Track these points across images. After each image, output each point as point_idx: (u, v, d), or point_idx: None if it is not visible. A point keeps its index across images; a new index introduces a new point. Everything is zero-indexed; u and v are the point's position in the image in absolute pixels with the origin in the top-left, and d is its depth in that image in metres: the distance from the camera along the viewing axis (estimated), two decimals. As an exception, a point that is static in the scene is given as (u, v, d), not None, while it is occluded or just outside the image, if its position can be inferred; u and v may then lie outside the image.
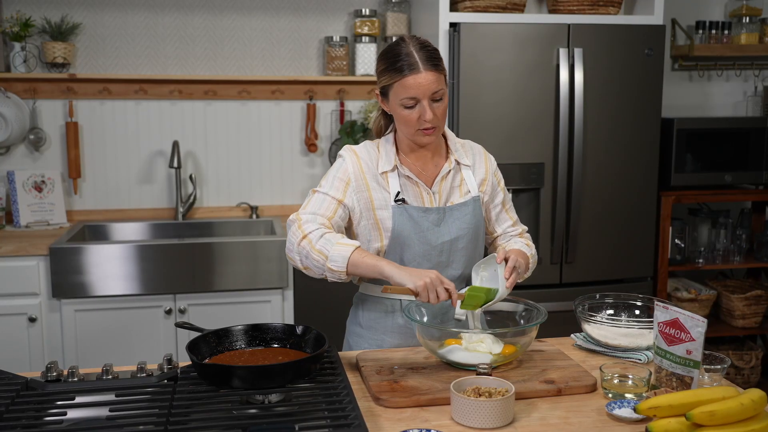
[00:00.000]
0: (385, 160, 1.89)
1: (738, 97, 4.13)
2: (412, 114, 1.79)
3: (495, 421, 1.44)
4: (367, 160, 1.89)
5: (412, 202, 1.89)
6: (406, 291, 1.68)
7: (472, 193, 1.95)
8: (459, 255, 1.92)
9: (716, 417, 1.35)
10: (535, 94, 3.20)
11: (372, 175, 1.88)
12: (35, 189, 3.51)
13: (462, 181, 1.95)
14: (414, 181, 1.90)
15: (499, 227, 2.06)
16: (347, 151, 1.91)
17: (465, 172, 1.96)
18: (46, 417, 1.41)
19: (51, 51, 3.43)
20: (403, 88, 1.77)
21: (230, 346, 1.70)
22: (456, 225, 1.90)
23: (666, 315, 1.58)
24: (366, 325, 1.98)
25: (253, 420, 1.38)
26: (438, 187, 1.91)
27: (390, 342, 1.96)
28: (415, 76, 1.76)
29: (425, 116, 1.78)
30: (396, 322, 1.95)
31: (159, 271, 3.11)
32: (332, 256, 1.73)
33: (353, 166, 1.88)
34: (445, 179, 1.93)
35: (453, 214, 1.91)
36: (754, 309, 3.75)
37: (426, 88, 1.76)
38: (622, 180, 3.34)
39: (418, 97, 1.77)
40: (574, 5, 3.35)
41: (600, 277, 3.38)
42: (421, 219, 1.87)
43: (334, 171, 1.89)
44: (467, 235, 1.91)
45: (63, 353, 3.10)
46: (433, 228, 1.88)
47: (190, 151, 3.72)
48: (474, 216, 1.93)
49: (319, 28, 3.76)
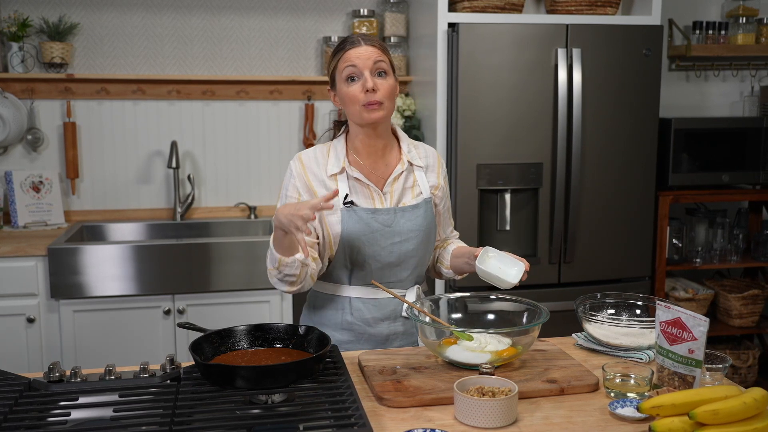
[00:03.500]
0: (333, 163, 1.92)
1: (735, 98, 4.14)
2: (356, 87, 1.84)
3: (499, 421, 1.44)
4: (313, 166, 1.92)
5: (362, 203, 1.90)
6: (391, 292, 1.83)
7: (424, 194, 1.96)
8: (409, 256, 1.94)
9: (719, 416, 1.35)
10: (534, 94, 3.21)
11: (319, 180, 1.91)
12: (33, 189, 3.50)
13: (414, 183, 1.97)
14: (364, 183, 1.91)
15: (443, 232, 2.11)
16: (294, 160, 1.95)
17: (418, 173, 1.98)
18: (50, 417, 1.41)
19: (49, 51, 3.42)
20: (344, 61, 1.85)
21: (233, 346, 1.70)
22: (407, 226, 1.92)
23: (668, 314, 1.58)
24: (317, 322, 2.00)
25: (257, 420, 1.38)
26: (390, 188, 1.93)
27: (339, 338, 1.98)
28: (356, 49, 1.85)
29: (367, 85, 1.82)
30: (345, 319, 1.97)
31: (157, 271, 3.11)
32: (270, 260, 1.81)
33: (299, 177, 1.91)
34: (397, 180, 1.94)
35: (404, 215, 1.92)
36: (751, 308, 3.76)
37: (366, 58, 1.83)
38: (620, 180, 3.35)
39: (359, 68, 1.83)
40: (572, 5, 3.36)
41: (598, 276, 3.38)
42: (370, 220, 1.89)
43: (284, 189, 1.94)
44: (418, 236, 1.93)
45: (61, 354, 3.09)
46: (383, 229, 1.89)
47: (189, 151, 3.71)
48: (425, 218, 1.94)
49: (318, 29, 3.76)
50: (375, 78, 1.84)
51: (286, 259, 1.77)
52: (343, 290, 1.96)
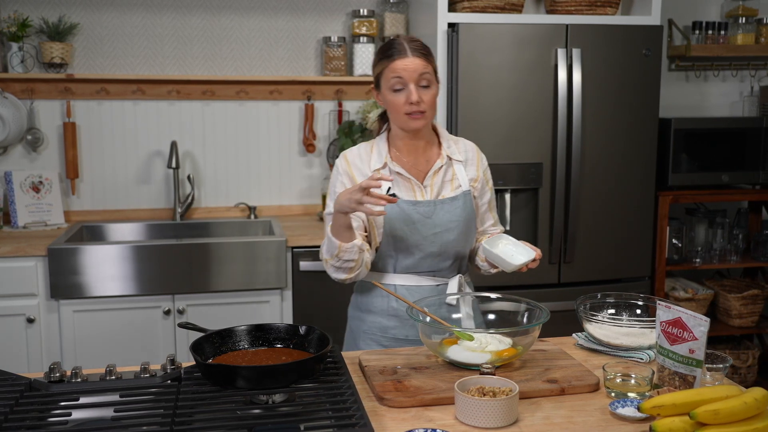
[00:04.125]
0: (376, 159, 2.01)
1: (734, 98, 4.14)
2: (400, 97, 1.91)
3: (500, 421, 1.44)
4: (357, 162, 2.02)
5: (404, 196, 1.98)
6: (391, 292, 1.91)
7: (463, 187, 2.04)
8: (450, 246, 2.01)
9: (720, 416, 1.35)
10: (534, 94, 3.21)
11: (363, 175, 2.00)
12: (33, 189, 3.50)
13: (453, 176, 2.05)
14: (405, 177, 2.00)
15: (482, 225, 2.16)
16: (339, 159, 2.05)
17: (457, 167, 2.06)
18: (51, 418, 1.41)
19: (48, 51, 3.42)
20: (391, 71, 1.92)
21: (233, 346, 1.70)
22: (446, 217, 1.99)
23: (668, 314, 1.58)
24: (364, 309, 2.08)
25: (258, 420, 1.38)
26: (430, 181, 2.01)
27: (387, 324, 2.04)
28: (403, 60, 1.91)
29: (411, 98, 1.89)
30: (391, 305, 2.04)
31: (157, 271, 3.11)
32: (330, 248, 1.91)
33: (345, 174, 2.02)
34: (437, 174, 2.02)
35: (444, 207, 2.00)
36: (750, 308, 3.76)
37: (412, 71, 1.90)
38: (620, 180, 3.35)
39: (405, 79, 1.90)
40: (572, 5, 3.36)
41: (598, 276, 3.39)
42: (411, 212, 1.97)
43: (331, 186, 2.05)
44: (457, 227, 2.00)
45: (61, 354, 3.09)
46: (424, 220, 1.97)
47: (188, 151, 3.71)
48: (464, 209, 2.02)
49: (317, 29, 3.76)
50: (419, 90, 1.91)
51: (345, 244, 1.87)
52: (388, 278, 2.03)
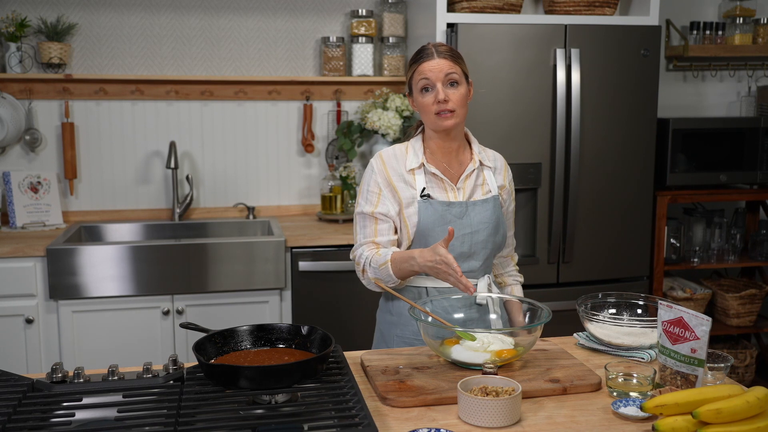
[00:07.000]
0: (412, 159, 2.05)
1: (732, 98, 4.15)
2: (429, 98, 1.97)
3: (503, 420, 1.44)
4: (393, 162, 2.06)
5: (437, 196, 2.03)
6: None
7: (493, 192, 2.10)
8: (480, 247, 2.04)
9: (722, 415, 1.36)
10: (532, 95, 3.21)
11: (398, 175, 2.04)
12: (31, 190, 3.49)
13: (484, 181, 2.10)
14: (439, 178, 2.05)
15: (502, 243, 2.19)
16: (375, 158, 2.08)
17: (487, 173, 2.12)
18: (54, 418, 1.41)
19: (47, 51, 3.41)
20: (419, 74, 1.99)
21: (236, 346, 1.70)
22: (477, 218, 2.03)
23: (670, 314, 1.59)
24: (396, 312, 2.08)
25: (261, 420, 1.38)
26: (463, 184, 2.06)
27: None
28: (429, 62, 1.97)
29: (438, 96, 1.95)
30: (423, 307, 2.01)
31: (156, 272, 3.10)
32: (384, 278, 1.97)
33: (380, 174, 2.04)
34: (469, 177, 2.08)
35: (475, 209, 2.04)
36: (748, 308, 3.77)
37: (438, 71, 1.96)
38: (619, 180, 3.36)
39: (432, 80, 1.96)
40: (570, 6, 3.36)
41: (597, 276, 3.39)
42: (445, 212, 2.01)
43: (365, 185, 2.07)
44: (487, 228, 2.04)
45: (60, 354, 3.08)
46: (456, 220, 2.01)
47: (187, 151, 3.71)
48: (494, 212, 2.07)
49: (316, 29, 3.76)
50: (447, 89, 1.96)
51: (397, 281, 1.97)
52: (418, 281, 2.04)
